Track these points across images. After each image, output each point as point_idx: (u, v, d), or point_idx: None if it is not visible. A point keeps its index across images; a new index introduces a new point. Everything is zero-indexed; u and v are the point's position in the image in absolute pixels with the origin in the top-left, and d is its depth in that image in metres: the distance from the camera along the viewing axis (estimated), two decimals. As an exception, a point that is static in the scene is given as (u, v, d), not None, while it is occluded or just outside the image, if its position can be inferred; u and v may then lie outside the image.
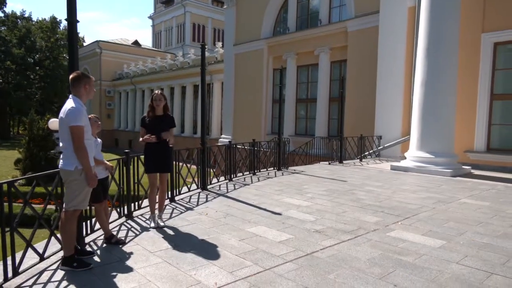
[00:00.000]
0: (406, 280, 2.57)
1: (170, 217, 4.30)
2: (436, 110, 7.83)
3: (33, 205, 2.90)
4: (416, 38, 9.73)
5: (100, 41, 36.26)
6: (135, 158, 4.39)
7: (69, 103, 2.74)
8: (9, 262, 2.56)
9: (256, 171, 7.78)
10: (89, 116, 3.13)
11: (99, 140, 3.44)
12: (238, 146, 7.40)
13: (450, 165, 7.77)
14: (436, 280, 2.57)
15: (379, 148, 10.81)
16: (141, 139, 4.00)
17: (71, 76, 2.84)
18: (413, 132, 8.28)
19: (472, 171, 8.27)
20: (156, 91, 4.10)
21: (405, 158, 8.67)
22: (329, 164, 9.68)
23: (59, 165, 2.76)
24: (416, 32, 9.80)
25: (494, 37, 8.92)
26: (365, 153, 10.60)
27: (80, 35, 53.07)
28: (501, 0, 8.78)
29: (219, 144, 17.66)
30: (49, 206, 3.43)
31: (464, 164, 8.42)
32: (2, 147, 32.47)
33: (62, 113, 2.72)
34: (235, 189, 6.09)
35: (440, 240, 3.47)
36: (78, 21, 3.18)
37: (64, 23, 48.92)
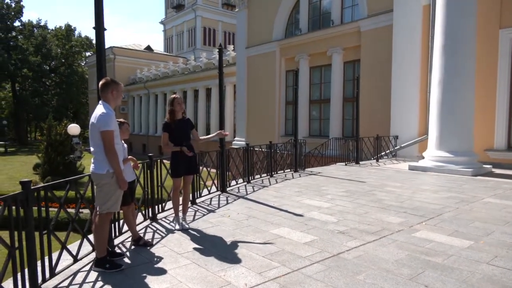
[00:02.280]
0: (437, 281, 2.56)
1: (194, 219, 4.36)
2: (454, 108, 7.73)
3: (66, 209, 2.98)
4: (431, 36, 9.63)
5: (113, 47, 36.85)
6: (158, 161, 4.46)
7: (99, 109, 2.82)
8: (46, 263, 2.64)
9: (273, 172, 7.80)
10: (121, 120, 3.22)
11: (125, 145, 3.52)
12: (255, 149, 7.44)
13: (470, 164, 7.66)
14: (467, 281, 2.55)
15: (395, 148, 10.71)
16: (163, 146, 4.03)
17: (100, 83, 2.92)
18: (431, 131, 8.18)
19: (493, 170, 8.13)
20: (174, 95, 4.15)
21: (422, 158, 8.58)
22: (346, 165, 9.64)
23: (91, 169, 2.84)
24: (431, 30, 9.69)
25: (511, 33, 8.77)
26: (382, 154, 10.51)
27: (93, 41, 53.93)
28: (519, -5, 8.63)
29: (233, 147, 17.79)
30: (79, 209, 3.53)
31: (485, 163, 8.28)
32: (21, 153, 33.26)
33: (93, 119, 2.80)
34: (254, 191, 6.13)
35: (468, 241, 3.43)
36: (105, 29, 3.27)
37: (78, 30, 49.90)
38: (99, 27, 3.27)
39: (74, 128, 15.20)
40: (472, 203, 5.03)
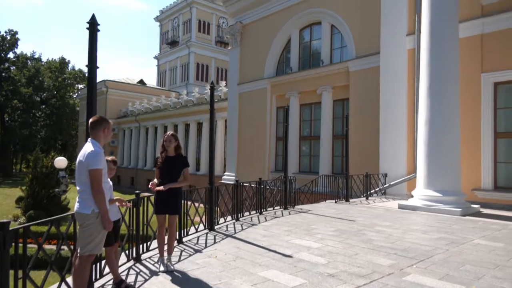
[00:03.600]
0: (430, 330, 2.47)
1: (179, 260, 4.22)
2: (441, 148, 7.88)
3: (45, 246, 2.86)
4: (417, 78, 9.99)
5: (106, 80, 37.28)
6: (145, 198, 4.38)
7: (88, 147, 2.79)
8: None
9: (262, 210, 7.70)
10: (108, 158, 3.18)
11: (110, 182, 3.46)
12: (245, 184, 7.38)
13: (459, 203, 7.69)
14: (460, 330, 2.47)
15: (385, 186, 10.75)
16: (150, 185, 4.05)
17: (91, 120, 2.92)
18: (419, 170, 8.28)
19: (481, 209, 8.17)
20: (168, 132, 4.18)
21: (411, 196, 8.61)
22: (336, 202, 9.59)
23: (75, 208, 2.76)
24: (417, 72, 10.07)
25: (493, 77, 9.15)
26: (371, 191, 10.53)
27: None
28: (498, 42, 9.10)
29: (223, 182, 17.65)
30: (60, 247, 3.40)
31: (472, 203, 8.33)
32: (5, 185, 32.38)
33: (81, 157, 2.76)
34: (242, 229, 6.01)
35: (459, 285, 3.37)
36: (97, 67, 3.31)
37: (72, 63, 50.53)
38: (92, 65, 3.31)
39: (61, 161, 14.97)
40: (462, 245, 4.99)
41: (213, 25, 44.18)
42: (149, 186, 4.00)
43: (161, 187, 3.92)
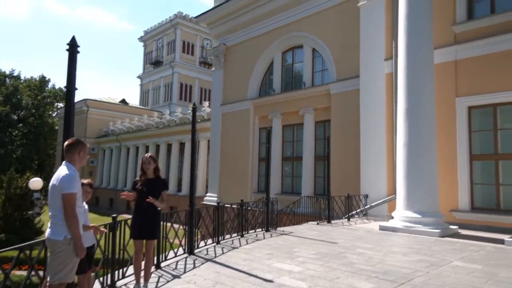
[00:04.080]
0: None
1: (156, 287, 4.07)
2: (419, 170, 8.05)
3: (16, 272, 2.72)
4: (395, 101, 10.27)
5: (87, 99, 36.82)
6: (122, 222, 4.26)
7: (63, 170, 2.71)
8: None
9: (244, 232, 7.60)
10: (84, 181, 3.10)
11: (86, 206, 3.36)
12: (226, 206, 7.30)
13: (437, 225, 7.80)
14: None
15: (366, 207, 10.83)
16: (123, 196, 3.95)
17: (66, 143, 2.85)
18: (399, 191, 8.39)
19: (459, 230, 8.30)
20: (146, 154, 4.13)
21: (392, 217, 8.68)
22: (318, 224, 9.57)
23: (47, 234, 2.66)
24: (395, 95, 10.37)
25: (467, 102, 9.51)
26: (353, 212, 10.57)
27: (68, 93, 53.74)
28: (470, 68, 9.51)
29: (205, 202, 17.42)
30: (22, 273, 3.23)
31: (451, 224, 8.46)
32: (-25, 206, 30.93)
33: (55, 180, 2.68)
34: (223, 253, 5.89)
35: (439, 309, 3.37)
36: (76, 89, 3.27)
37: (52, 82, 49.81)
38: (70, 86, 3.27)
39: (36, 182, 14.48)
40: (441, 267, 5.03)
41: (197, 46, 44.67)
42: (122, 195, 3.88)
43: (131, 194, 3.83)
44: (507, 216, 8.46)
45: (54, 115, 48.78)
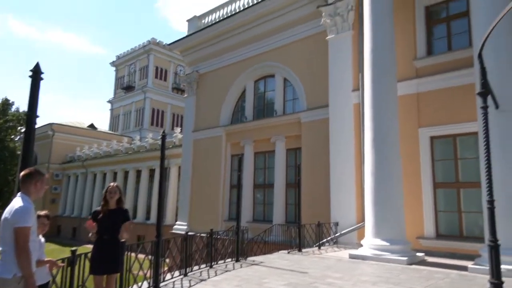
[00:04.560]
0: None
1: (117, 325, 3.84)
2: (386, 198, 8.26)
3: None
4: (362, 131, 10.61)
5: (53, 123, 35.62)
6: (82, 256, 4.03)
7: (17, 202, 2.56)
8: None
9: (213, 263, 7.39)
10: (40, 213, 2.93)
11: (42, 239, 3.17)
12: (195, 234, 7.11)
13: (405, 252, 7.93)
14: None
15: (336, 235, 10.87)
16: (87, 224, 3.77)
17: (22, 173, 2.71)
18: (367, 219, 8.53)
19: (426, 257, 8.47)
20: (112, 183, 4.00)
21: (361, 245, 8.75)
22: (288, 253, 9.48)
23: (-5, 273, 2.46)
24: (362, 125, 10.72)
25: (429, 132, 9.98)
26: (323, 241, 10.58)
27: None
28: (431, 100, 10.05)
29: (174, 231, 16.90)
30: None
31: (418, 251, 8.63)
32: None
33: (7, 213, 2.52)
34: (190, 286, 5.68)
35: None
36: (38, 116, 3.16)
37: (17, 105, 47.92)
38: (32, 113, 3.15)
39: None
40: (408, 296, 5.07)
41: (170, 72, 44.77)
42: (88, 225, 3.68)
43: (94, 225, 3.66)
44: (469, 243, 8.73)
45: (16, 139, 46.58)
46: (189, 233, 6.98)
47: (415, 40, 10.68)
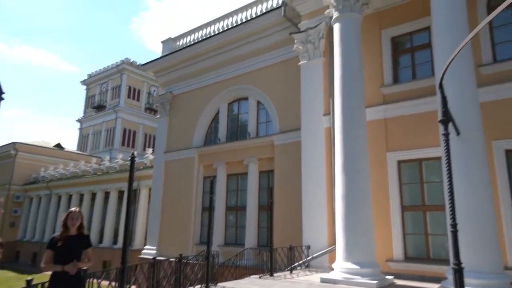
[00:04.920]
0: None
1: None
2: (356, 221, 8.36)
3: None
4: (333, 155, 10.81)
5: (16, 143, 34.07)
6: (39, 286, 3.78)
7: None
8: None
9: (182, 290, 7.13)
10: None
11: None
12: (163, 259, 6.87)
13: (374, 276, 7.99)
14: None
15: (308, 258, 10.83)
16: (43, 264, 3.53)
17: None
18: (338, 243, 8.57)
19: (395, 280, 8.56)
20: (74, 209, 3.82)
21: (333, 268, 8.75)
22: (260, 277, 9.31)
23: None
24: (333, 149, 10.94)
25: (396, 156, 10.32)
26: (295, 264, 10.49)
27: (-5, 134, 49.44)
28: (398, 125, 10.45)
29: (143, 256, 16.29)
30: None
31: (387, 274, 8.73)
32: None
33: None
34: (157, 315, 5.42)
35: None
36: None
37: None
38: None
39: None
40: (378, 321, 5.06)
41: (143, 92, 44.31)
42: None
43: (59, 266, 3.43)
44: (436, 265, 8.92)
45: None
46: (158, 258, 6.75)
47: (382, 68, 11.18)
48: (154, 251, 16.26)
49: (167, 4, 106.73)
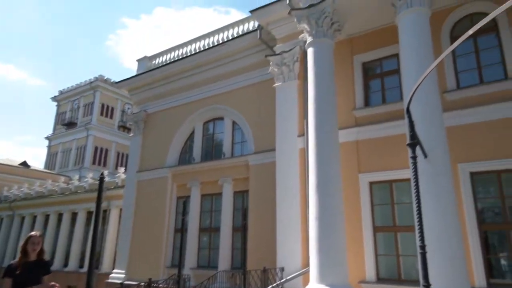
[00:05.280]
0: None
1: None
2: (330, 243, 8.39)
3: None
4: (307, 175, 10.91)
5: (-21, 160, 32.36)
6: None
7: None
8: None
9: (150, 317, 6.83)
10: None
11: None
12: (132, 283, 6.59)
13: (348, 298, 7.97)
14: None
15: (281, 281, 10.69)
16: None
17: None
18: (311, 265, 8.54)
19: (368, 302, 8.57)
20: (34, 233, 3.63)
21: (306, 291, 8.67)
22: (233, 302, 9.09)
23: None
24: (307, 170, 11.04)
25: (368, 178, 10.52)
26: (269, 287, 10.33)
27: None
28: (369, 147, 10.72)
29: (111, 280, 15.58)
30: None
31: (360, 296, 8.74)
32: None
33: None
34: None
35: None
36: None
37: None
38: None
39: None
40: None
41: (117, 110, 43.56)
42: None
43: None
44: (407, 287, 9.02)
45: None
46: (126, 283, 6.47)
47: (354, 92, 11.53)
48: (123, 275, 15.59)
49: (145, 23, 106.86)
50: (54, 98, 46.41)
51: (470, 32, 4.55)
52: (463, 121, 9.49)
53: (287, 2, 11.96)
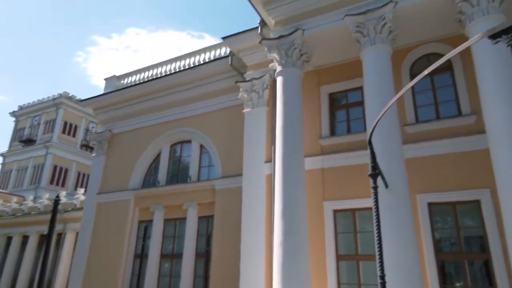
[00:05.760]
0: None
1: None
2: (293, 270, 8.35)
3: None
4: (273, 202, 10.92)
5: None
6: None
7: None
8: None
9: None
10: None
11: None
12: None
13: (310, 328, 7.86)
14: None
15: (244, 310, 10.41)
16: None
17: None
18: (275, 293, 8.40)
19: (330, 333, 8.49)
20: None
21: (269, 322, 8.48)
22: (192, 333, 8.69)
23: None
24: (273, 196, 11.06)
25: (332, 205, 10.69)
26: (231, 317, 10.00)
27: None
28: (334, 175, 10.94)
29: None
30: None
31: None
32: None
33: None
34: None
35: None
36: None
37: None
38: None
39: None
40: None
41: (81, 128, 42.04)
42: None
43: None
44: (369, 316, 9.05)
45: None
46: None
47: (321, 121, 11.86)
48: (75, 305, 14.56)
49: (116, 42, 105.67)
50: (12, 113, 44.17)
51: (426, 72, 4.88)
52: (422, 153, 9.95)
53: (259, 31, 12.33)
